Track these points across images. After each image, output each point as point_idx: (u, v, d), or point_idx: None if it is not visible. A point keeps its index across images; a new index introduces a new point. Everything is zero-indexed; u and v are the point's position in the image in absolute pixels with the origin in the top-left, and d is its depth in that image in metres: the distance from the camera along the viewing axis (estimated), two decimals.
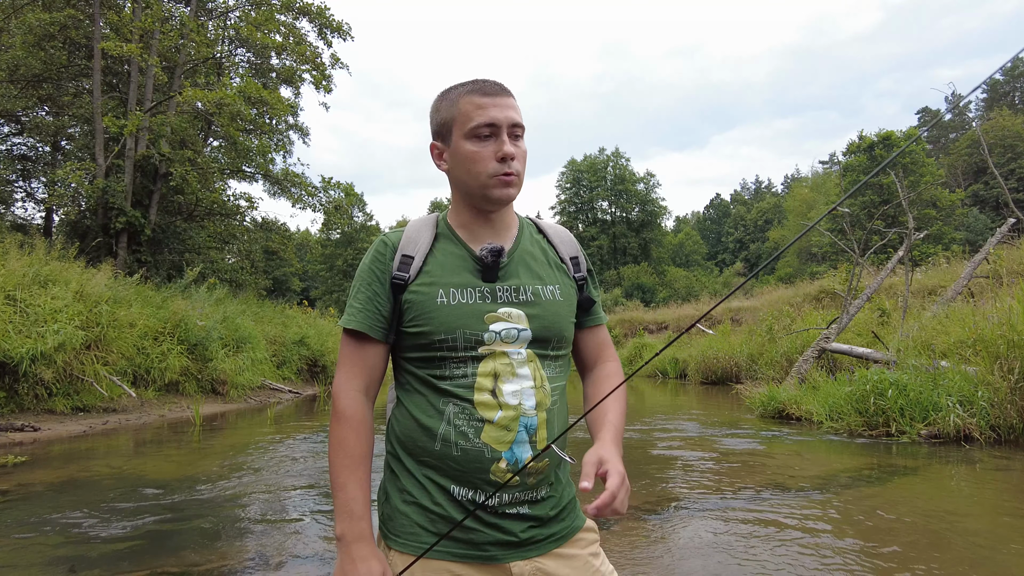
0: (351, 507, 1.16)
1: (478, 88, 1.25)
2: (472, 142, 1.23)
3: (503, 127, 1.22)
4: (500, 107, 1.23)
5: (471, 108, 1.23)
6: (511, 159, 1.22)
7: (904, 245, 10.15)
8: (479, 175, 1.23)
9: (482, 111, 1.23)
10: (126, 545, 3.60)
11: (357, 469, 1.19)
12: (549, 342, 1.26)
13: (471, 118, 1.23)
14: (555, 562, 1.21)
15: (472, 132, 1.23)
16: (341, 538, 1.15)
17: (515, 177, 1.24)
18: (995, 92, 61.11)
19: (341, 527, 1.16)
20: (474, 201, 1.28)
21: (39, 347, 7.83)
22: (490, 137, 1.23)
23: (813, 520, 3.83)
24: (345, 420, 1.21)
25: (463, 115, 1.24)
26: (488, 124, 1.22)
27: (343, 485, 1.18)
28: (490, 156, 1.22)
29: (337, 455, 1.20)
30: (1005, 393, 5.90)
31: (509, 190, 1.24)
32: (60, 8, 16.05)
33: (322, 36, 19.60)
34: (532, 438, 1.19)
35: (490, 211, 1.29)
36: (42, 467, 5.81)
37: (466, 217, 1.30)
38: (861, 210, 35.76)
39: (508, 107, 1.24)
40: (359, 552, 1.14)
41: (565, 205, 59.04)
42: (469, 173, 1.24)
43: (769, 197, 77.77)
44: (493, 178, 1.23)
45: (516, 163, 1.24)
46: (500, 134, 1.22)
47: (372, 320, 1.24)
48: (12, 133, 19.64)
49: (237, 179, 20.62)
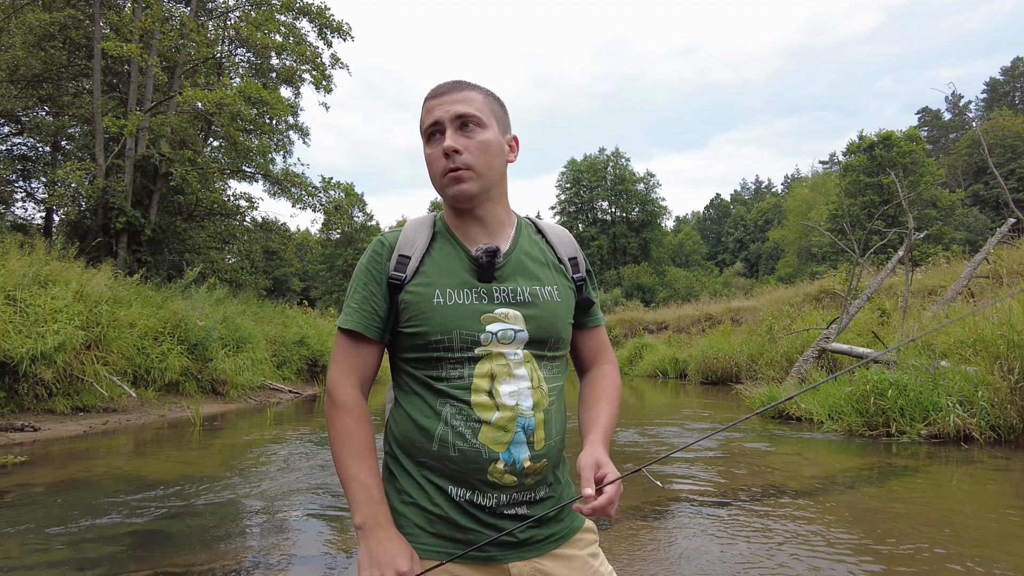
0: (368, 493, 1.15)
1: (431, 92, 1.26)
2: (428, 145, 1.25)
3: (446, 122, 1.22)
4: (444, 104, 1.23)
5: (424, 113, 1.26)
6: (454, 152, 1.20)
7: (904, 245, 10.15)
8: (434, 176, 1.25)
9: (428, 113, 1.24)
10: (126, 545, 3.60)
11: (367, 458, 1.18)
12: (546, 343, 1.25)
13: (423, 122, 1.25)
14: (554, 562, 1.21)
15: (425, 136, 1.25)
16: (362, 526, 1.14)
17: (465, 171, 1.21)
18: (995, 92, 61.08)
19: (360, 516, 1.14)
20: (448, 203, 1.29)
21: (39, 347, 7.83)
22: (438, 135, 1.23)
23: (813, 520, 3.83)
24: (348, 411, 1.21)
25: (421, 121, 1.27)
26: (432, 124, 1.23)
27: (355, 475, 1.16)
28: (439, 155, 1.22)
29: (343, 447, 1.19)
30: (1005, 393, 5.90)
31: (460, 186, 1.22)
32: (60, 8, 16.06)
33: (322, 36, 19.62)
34: (530, 439, 1.19)
35: (463, 209, 1.27)
36: (42, 467, 5.81)
37: (457, 220, 1.30)
38: (861, 210, 35.77)
39: (453, 102, 1.22)
40: (384, 534, 1.13)
41: (565, 205, 59.03)
42: (431, 176, 1.26)
43: (769, 197, 77.80)
44: (444, 176, 1.22)
45: (466, 156, 1.21)
46: (446, 131, 1.22)
47: (368, 320, 1.24)
48: (12, 133, 19.64)
49: (237, 179, 20.62)
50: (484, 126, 1.23)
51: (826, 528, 3.67)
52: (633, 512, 4.14)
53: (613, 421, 1.30)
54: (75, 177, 14.71)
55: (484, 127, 1.23)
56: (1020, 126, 44.07)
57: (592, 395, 1.36)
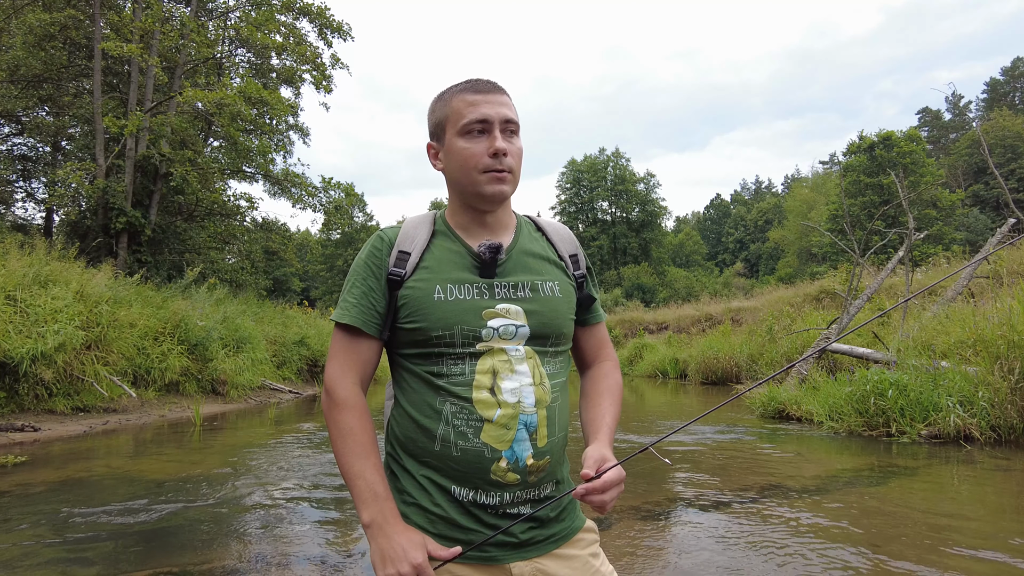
0: (374, 490, 1.14)
1: (471, 86, 1.24)
2: (464, 139, 1.22)
3: (495, 123, 1.21)
4: (492, 103, 1.22)
5: (463, 106, 1.23)
6: (504, 155, 1.21)
7: (904, 245, 10.14)
8: (471, 171, 1.22)
9: (474, 108, 1.22)
10: (126, 545, 3.60)
11: (370, 455, 1.17)
12: (548, 339, 1.25)
13: (463, 115, 1.22)
14: (555, 562, 1.21)
15: (464, 129, 1.22)
16: (370, 524, 1.12)
17: (508, 174, 1.22)
18: (995, 92, 61.07)
19: (368, 514, 1.12)
20: (468, 200, 1.27)
21: (39, 347, 7.83)
22: (483, 133, 1.22)
23: (813, 520, 3.83)
24: (348, 408, 1.19)
25: (456, 113, 1.23)
26: (480, 120, 1.21)
27: (359, 473, 1.15)
28: (482, 152, 1.21)
29: (345, 444, 1.17)
30: (1005, 393, 5.90)
31: (502, 186, 1.22)
32: (60, 8, 16.05)
33: (322, 36, 19.61)
34: (532, 436, 1.18)
35: (485, 210, 1.27)
36: (42, 467, 5.81)
37: (463, 218, 1.29)
38: (861, 210, 35.76)
39: (501, 104, 1.23)
40: (393, 530, 1.11)
41: (565, 205, 59.01)
42: (462, 170, 1.23)
43: (769, 197, 77.80)
44: (485, 174, 1.21)
45: (509, 159, 1.22)
46: (492, 130, 1.21)
47: (366, 315, 1.23)
48: (12, 133, 19.64)
49: (237, 179, 20.61)
50: (519, 135, 1.27)
51: (826, 528, 3.67)
52: (633, 512, 4.13)
53: (616, 419, 1.30)
54: (75, 177, 14.70)
55: (519, 136, 1.27)
56: (1020, 126, 44.09)
57: (595, 393, 1.36)
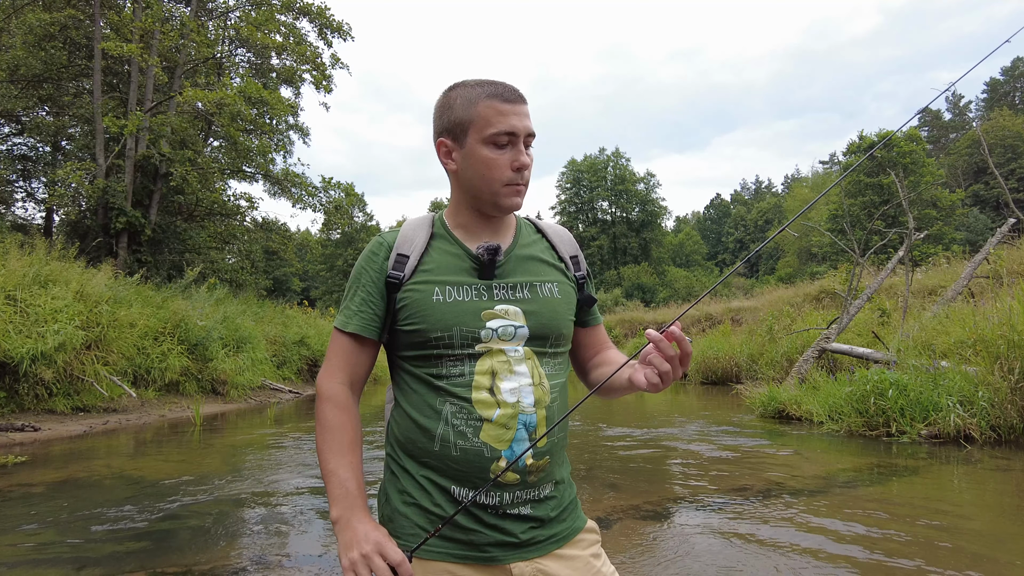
0: (345, 488, 1.16)
1: (498, 93, 1.23)
2: (490, 148, 1.22)
3: (521, 137, 1.23)
4: (520, 116, 1.23)
5: (491, 113, 1.22)
6: (526, 170, 1.24)
7: (904, 245, 10.14)
8: (493, 182, 1.23)
9: (503, 118, 1.21)
10: (126, 545, 3.60)
11: (347, 453, 1.20)
12: (547, 339, 1.25)
13: (491, 124, 1.21)
14: (556, 563, 1.21)
15: (491, 138, 1.22)
16: (337, 520, 1.15)
17: (525, 187, 1.26)
18: (995, 92, 61.07)
19: (336, 510, 1.15)
20: (481, 206, 1.27)
21: (39, 347, 7.83)
22: (507, 145, 1.22)
23: (813, 520, 3.83)
24: (333, 403, 1.23)
25: (482, 119, 1.22)
26: (508, 133, 1.21)
27: (333, 470, 1.18)
28: (506, 164, 1.22)
29: (325, 440, 1.21)
30: (1005, 393, 5.90)
31: (519, 199, 1.26)
32: (60, 8, 16.06)
33: (322, 36, 19.62)
34: (532, 436, 1.18)
35: (494, 216, 1.29)
36: (42, 467, 5.81)
37: (466, 218, 1.30)
38: (861, 210, 35.78)
39: (526, 116, 1.25)
40: (359, 520, 1.14)
41: (565, 205, 59.01)
42: (483, 178, 1.24)
43: (769, 197, 77.74)
44: (506, 187, 1.23)
45: (527, 173, 1.26)
46: (518, 143, 1.23)
47: (367, 322, 1.25)
48: (12, 133, 19.62)
49: (237, 179, 20.62)
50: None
51: (826, 528, 3.67)
52: (633, 511, 4.14)
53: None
54: (75, 177, 14.70)
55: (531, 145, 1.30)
56: (1020, 126, 44.07)
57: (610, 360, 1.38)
